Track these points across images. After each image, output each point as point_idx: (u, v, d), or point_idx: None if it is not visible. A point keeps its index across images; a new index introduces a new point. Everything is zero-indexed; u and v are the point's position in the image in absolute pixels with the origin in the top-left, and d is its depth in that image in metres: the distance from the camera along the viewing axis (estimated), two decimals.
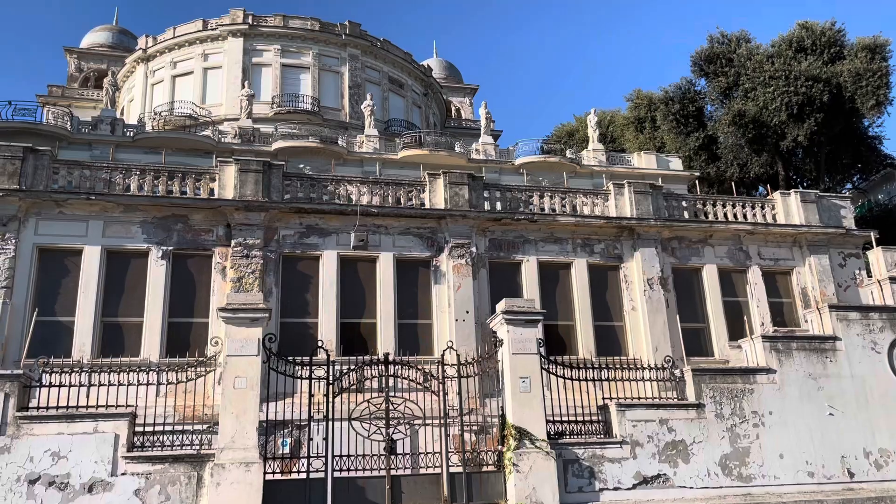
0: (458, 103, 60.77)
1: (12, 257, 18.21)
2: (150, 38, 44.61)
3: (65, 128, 33.57)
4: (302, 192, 20.97)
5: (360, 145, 37.36)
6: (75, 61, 53.64)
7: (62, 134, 33.08)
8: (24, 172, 18.95)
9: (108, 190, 19.56)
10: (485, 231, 21.59)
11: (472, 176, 22.29)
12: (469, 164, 36.67)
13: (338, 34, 44.18)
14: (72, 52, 54.04)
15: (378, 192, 21.40)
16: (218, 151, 32.14)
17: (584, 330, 21.27)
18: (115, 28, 57.53)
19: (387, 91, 45.71)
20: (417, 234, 21.12)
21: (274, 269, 19.78)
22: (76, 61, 53.65)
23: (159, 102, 42.29)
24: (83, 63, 53.73)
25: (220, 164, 20.76)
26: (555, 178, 35.69)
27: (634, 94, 50.61)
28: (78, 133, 34.08)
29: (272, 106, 41.20)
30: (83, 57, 54.00)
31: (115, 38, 56.01)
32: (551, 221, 21.90)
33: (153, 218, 19.54)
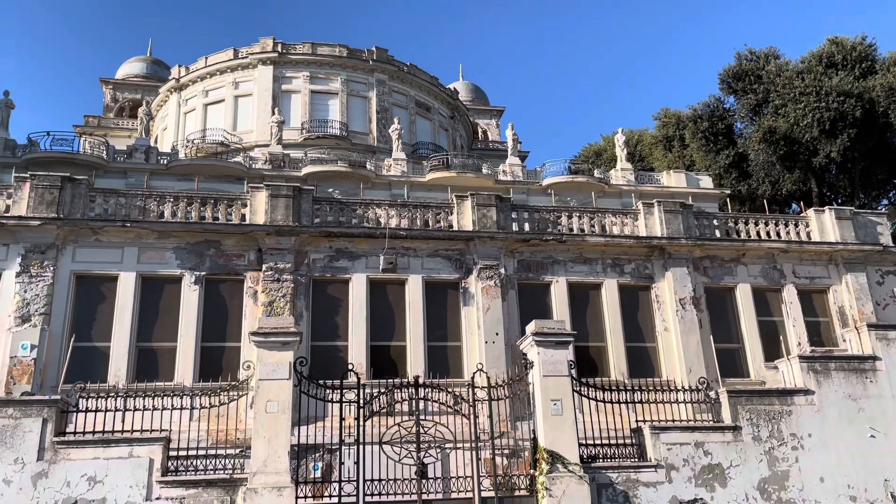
0: (484, 125, 61.04)
1: (50, 284, 18.62)
2: (183, 68, 45.68)
3: (101, 157, 34.41)
4: (331, 216, 21.16)
5: (387, 169, 37.67)
6: (111, 92, 55.06)
7: (98, 163, 33.90)
8: (62, 201, 19.44)
9: (143, 217, 19.95)
10: (513, 252, 21.54)
11: (499, 197, 22.29)
12: (496, 185, 36.74)
13: (365, 60, 44.80)
14: (107, 83, 55.50)
15: (406, 214, 21.51)
16: (249, 177, 32.67)
17: (616, 351, 21.03)
18: (149, 59, 59.00)
19: (414, 115, 46.12)
20: (446, 256, 21.14)
21: (304, 292, 19.93)
22: (112, 92, 55.07)
23: (192, 130, 43.17)
24: (118, 93, 55.13)
25: (252, 189, 21.07)
26: (583, 198, 35.56)
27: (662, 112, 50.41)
28: (114, 162, 34.90)
29: (301, 131, 41.81)
30: (118, 87, 55.42)
31: (149, 69, 57.43)
32: (580, 242, 21.78)
33: (186, 244, 19.85)
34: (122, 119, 53.12)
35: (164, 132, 46.46)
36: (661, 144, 50.03)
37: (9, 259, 18.84)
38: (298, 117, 42.47)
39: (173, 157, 36.44)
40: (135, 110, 51.16)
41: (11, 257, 18.83)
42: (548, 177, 38.91)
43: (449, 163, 39.08)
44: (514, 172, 39.22)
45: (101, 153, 34.79)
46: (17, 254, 18.80)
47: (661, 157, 49.91)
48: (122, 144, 40.47)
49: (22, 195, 19.40)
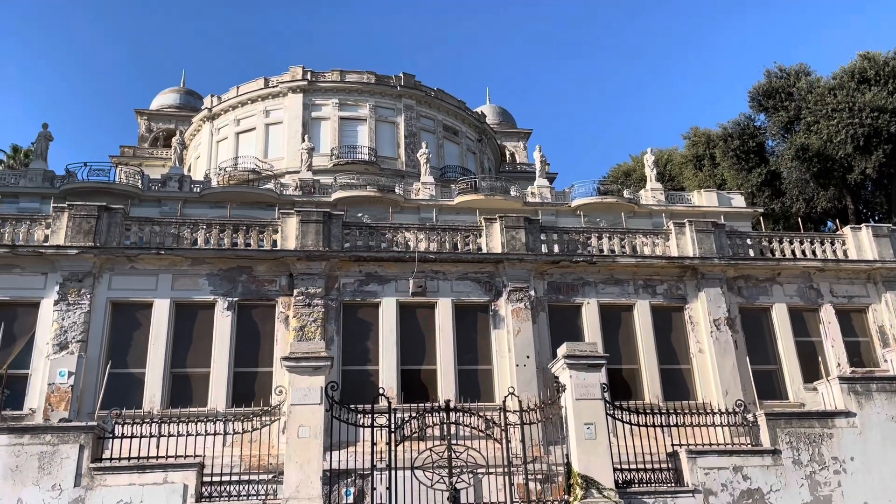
0: (512, 148, 61.20)
1: (87, 311, 18.98)
2: (215, 98, 46.67)
3: (136, 186, 35.19)
4: (361, 240, 21.30)
5: (416, 193, 37.90)
6: (145, 122, 56.43)
7: (134, 192, 34.67)
8: (99, 230, 19.88)
9: (177, 244, 20.28)
10: (543, 274, 21.43)
11: (528, 219, 22.25)
12: (525, 207, 36.71)
13: (393, 86, 45.33)
14: (142, 113, 56.92)
15: (435, 238, 21.57)
16: (280, 204, 33.10)
17: (650, 374, 20.73)
18: (183, 90, 60.43)
19: (441, 139, 46.44)
20: (475, 278, 21.12)
21: (335, 317, 20.02)
22: (146, 122, 56.44)
23: (224, 158, 43.97)
24: (153, 124, 56.47)
25: (282, 215, 21.32)
26: (612, 218, 35.35)
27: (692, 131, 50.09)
28: (148, 190, 35.65)
29: (331, 157, 42.33)
30: (153, 118, 56.78)
31: (182, 99, 58.80)
32: (611, 263, 21.61)
33: (219, 270, 20.11)
34: (156, 149, 54.34)
35: (197, 161, 47.38)
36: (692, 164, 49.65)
37: (47, 288, 19.27)
38: (328, 143, 43.02)
39: (206, 185, 37.10)
40: (169, 140, 52.30)
41: (50, 286, 19.26)
42: (576, 198, 38.78)
43: (477, 186, 39.19)
44: (543, 194, 39.17)
45: (137, 182, 35.57)
46: (56, 282, 19.22)
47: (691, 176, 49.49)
48: (156, 173, 41.37)
49: (60, 225, 19.89)
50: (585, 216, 35.92)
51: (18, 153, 50.26)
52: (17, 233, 19.98)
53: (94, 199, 28.39)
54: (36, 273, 19.38)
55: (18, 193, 33.91)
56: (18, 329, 18.96)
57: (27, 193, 33.94)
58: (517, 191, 39.35)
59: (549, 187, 39.94)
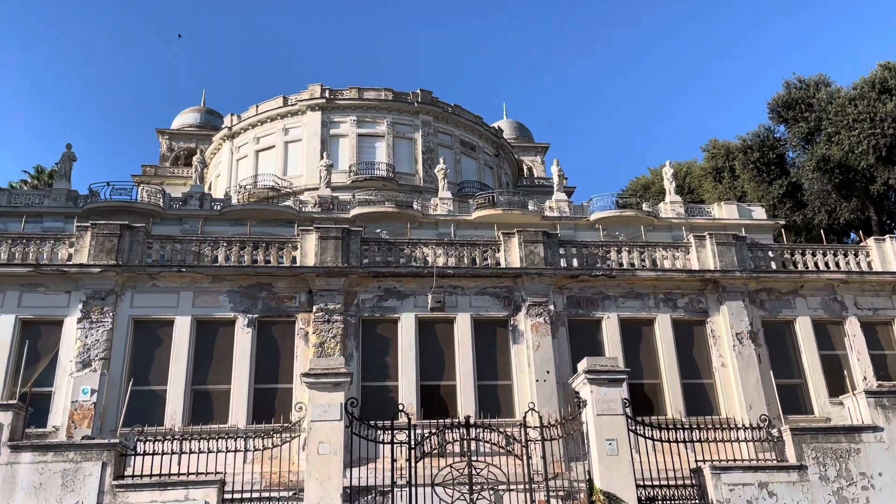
0: (529, 162, 61.21)
1: (110, 329, 19.19)
2: (235, 117, 47.26)
3: (157, 204, 35.64)
4: (379, 256, 21.38)
5: (434, 208, 38.00)
6: (167, 142, 57.18)
7: (155, 210, 35.11)
8: (121, 248, 20.14)
9: (198, 261, 20.48)
10: (562, 288, 21.34)
11: (546, 233, 22.22)
12: (543, 221, 36.66)
13: (410, 102, 45.63)
14: (163, 133, 57.71)
15: (453, 253, 21.59)
16: (299, 220, 33.33)
17: (672, 388, 20.51)
18: (203, 109, 61.23)
19: (459, 154, 46.60)
20: (494, 293, 21.07)
21: (354, 333, 20.06)
22: (167, 141, 57.19)
23: (244, 176, 44.42)
24: (174, 143, 57.21)
25: (302, 232, 21.47)
26: (632, 232, 35.18)
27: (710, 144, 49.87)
28: (169, 209, 36.09)
29: (349, 174, 42.61)
30: (174, 137, 57.54)
31: (202, 119, 59.56)
32: (631, 276, 21.47)
33: (239, 287, 20.26)
34: (177, 167, 55.03)
35: (217, 179, 47.90)
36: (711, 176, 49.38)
37: (71, 306, 19.52)
38: (346, 160, 43.34)
39: (226, 203, 37.49)
40: (190, 159, 52.92)
41: (73, 304, 19.51)
42: (595, 212, 38.67)
43: (494, 200, 39.23)
44: (561, 208, 39.10)
45: (158, 201, 36.03)
46: (79, 300, 19.47)
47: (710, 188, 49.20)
48: (177, 192, 41.85)
49: (83, 244, 20.18)
50: (604, 230, 35.77)
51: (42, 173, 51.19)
52: (42, 252, 20.31)
53: (116, 217, 28.80)
54: (60, 291, 19.66)
55: (43, 213, 34.48)
56: (42, 347, 19.22)
57: (51, 213, 34.50)
58: (535, 205, 39.32)
59: (567, 201, 39.87)
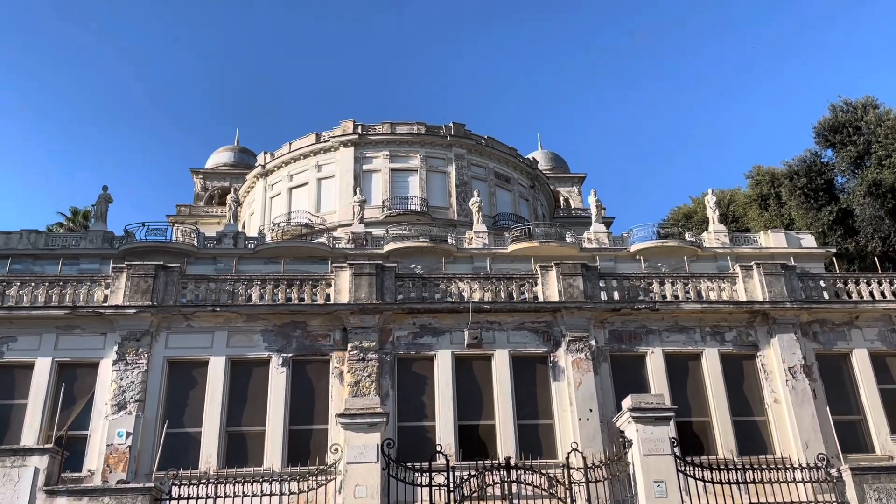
0: (566, 193, 61.17)
1: (145, 371, 19.47)
2: (268, 155, 48.23)
3: (192, 244, 36.35)
4: (414, 291, 21.42)
5: (469, 242, 38.06)
6: (201, 181, 58.59)
7: (190, 250, 35.80)
8: (156, 289, 20.52)
9: (232, 301, 20.73)
10: (603, 323, 21.11)
11: (585, 266, 22.11)
12: (581, 253, 36.41)
13: (443, 136, 46.08)
14: (197, 172, 59.17)
15: (489, 287, 21.54)
16: (333, 257, 33.64)
17: (722, 426, 19.98)
18: (236, 148, 62.71)
19: (493, 186, 46.76)
20: (532, 328, 20.92)
21: (389, 371, 20.02)
22: (201, 181, 58.59)
23: (277, 214, 45.15)
24: (208, 182, 58.59)
25: (335, 269, 21.65)
26: (674, 263, 34.72)
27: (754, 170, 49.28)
28: (204, 248, 36.77)
29: (382, 209, 43.01)
30: (208, 177, 58.94)
31: (236, 157, 60.97)
32: (675, 309, 21.18)
33: (273, 326, 20.43)
34: (211, 206, 56.25)
35: (251, 217, 48.75)
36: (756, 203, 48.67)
37: (106, 348, 19.87)
38: (379, 195, 43.79)
39: (260, 241, 38.07)
40: (224, 197, 54.08)
41: (109, 346, 19.86)
42: (635, 242, 38.31)
43: (531, 233, 39.16)
44: (600, 239, 38.84)
45: (192, 240, 36.76)
46: (114, 342, 19.82)
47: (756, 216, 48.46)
48: (211, 231, 42.70)
49: (119, 285, 20.61)
50: (646, 261, 35.37)
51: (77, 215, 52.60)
52: (78, 294, 20.78)
53: (151, 258, 29.41)
54: (95, 333, 20.04)
55: (79, 255, 35.38)
56: (78, 390, 19.56)
57: (87, 255, 35.39)
58: (573, 237, 39.12)
59: (606, 232, 39.60)
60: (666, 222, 50.23)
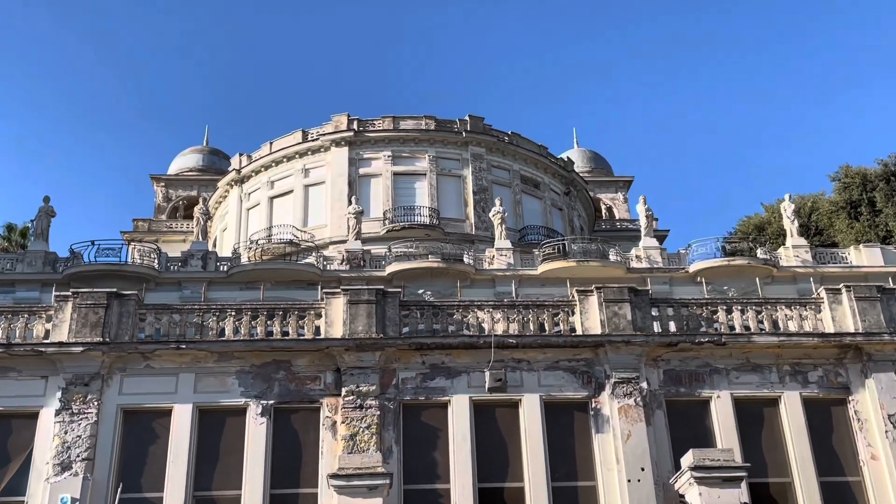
0: (608, 200, 61.25)
1: (94, 423, 19.52)
2: (244, 157, 48.62)
3: (152, 266, 36.60)
4: (423, 323, 21.45)
5: (489, 261, 38.09)
6: (162, 190, 59.19)
7: (149, 274, 36.03)
8: (108, 322, 20.63)
9: (200, 336, 20.81)
10: (657, 360, 21.10)
11: (633, 290, 22.16)
12: (628, 275, 36.36)
13: (457, 132, 46.29)
14: (158, 179, 59.78)
15: (516, 317, 21.55)
16: (323, 281, 33.73)
17: (806, 489, 19.81)
18: (206, 149, 63.36)
19: (519, 193, 46.87)
20: (569, 368, 20.91)
21: (393, 421, 20.03)
22: (163, 190, 59.20)
23: (256, 229, 45.44)
24: (171, 191, 59.21)
25: (327, 296, 21.73)
26: (744, 285, 34.59)
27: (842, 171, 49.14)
28: (166, 271, 36.99)
29: (384, 222, 43.18)
30: (171, 184, 59.54)
31: (205, 161, 61.60)
32: (745, 343, 21.15)
33: (251, 366, 20.49)
34: (175, 220, 56.80)
35: (223, 233, 49.09)
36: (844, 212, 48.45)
37: (48, 394, 19.95)
38: (379, 205, 43.99)
39: (235, 263, 38.28)
40: (190, 209, 54.49)
41: (51, 392, 19.94)
42: (696, 261, 38.19)
43: (566, 249, 39.15)
44: (651, 257, 38.75)
45: (153, 262, 37.00)
46: (58, 387, 19.90)
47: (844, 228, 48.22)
48: (175, 250, 42.93)
49: (63, 317, 20.74)
50: (708, 283, 35.22)
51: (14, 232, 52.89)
52: (13, 329, 20.92)
53: (102, 284, 29.63)
54: (34, 377, 20.14)
55: (15, 281, 35.64)
56: (13, 446, 19.65)
57: (25, 280, 35.64)
58: (618, 254, 39.08)
59: (658, 248, 39.52)
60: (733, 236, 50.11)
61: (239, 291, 34.78)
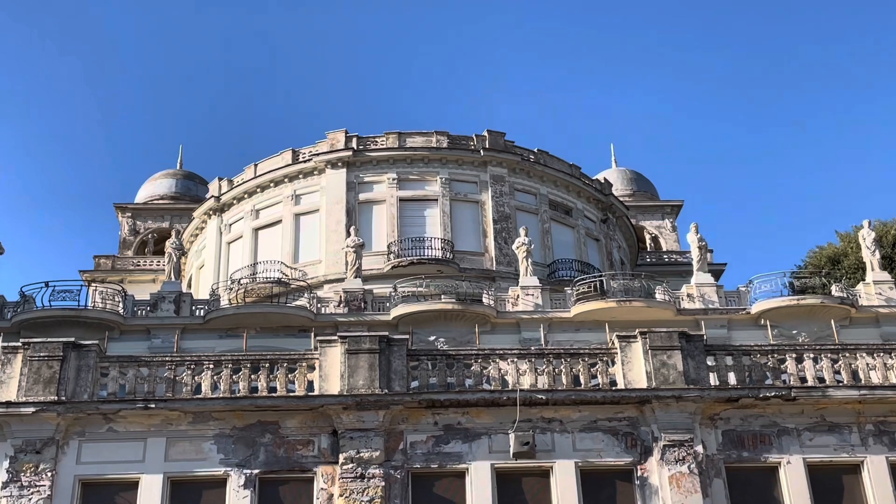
0: (653, 228, 61.14)
1: (48, 497, 19.52)
2: (225, 182, 48.83)
3: (116, 311, 36.69)
4: (435, 376, 21.46)
5: (513, 302, 38.02)
6: (129, 221, 59.41)
7: (113, 320, 36.10)
8: (64, 378, 20.68)
9: (173, 393, 20.84)
10: (714, 419, 21.14)
11: (685, 335, 22.23)
12: (679, 317, 36.23)
13: (474, 150, 46.36)
14: (124, 209, 59.98)
15: (545, 368, 21.58)
16: (317, 327, 33.71)
17: None
18: (180, 173, 63.63)
19: (548, 221, 46.83)
20: (609, 428, 20.94)
21: (401, 493, 20.00)
22: (130, 221, 59.42)
23: (238, 266, 45.48)
24: (139, 222, 59.42)
25: (321, 344, 21.80)
26: (817, 329, 34.40)
27: None
28: (133, 317, 37.07)
29: (388, 257, 43.17)
30: (138, 214, 59.75)
31: (179, 187, 61.86)
32: (820, 398, 21.15)
33: (232, 429, 20.50)
34: (144, 257, 56.96)
35: (200, 271, 49.20)
36: None
37: None
38: (383, 237, 44.01)
39: (213, 306, 38.33)
40: (161, 244, 54.70)
41: None
42: (759, 300, 38.02)
43: (604, 287, 39.03)
44: (706, 296, 38.59)
45: (117, 306, 37.09)
46: (5, 455, 19.93)
47: None
48: (144, 292, 43.03)
49: (11, 372, 20.82)
50: (774, 327, 34.99)
51: None
52: None
53: (58, 333, 29.63)
54: None
55: None
56: None
57: None
58: (665, 292, 38.93)
59: (714, 285, 39.37)
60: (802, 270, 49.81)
61: (218, 340, 34.81)
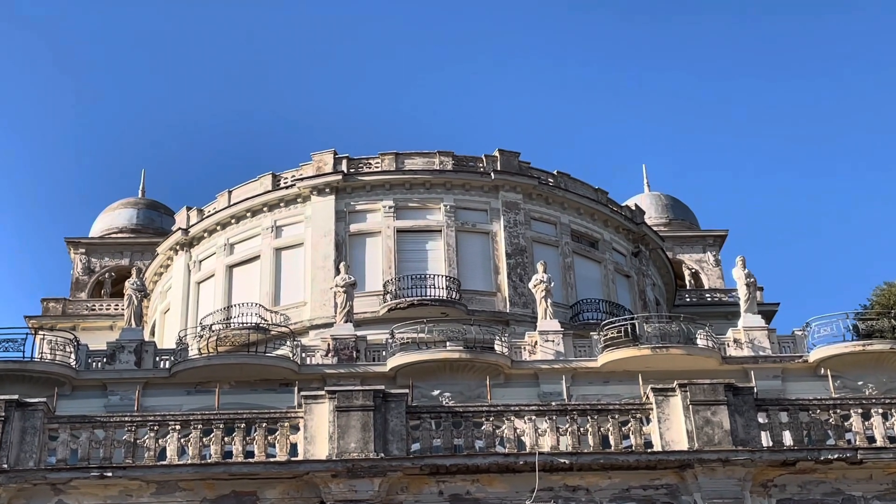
0: (693, 263, 61.10)
1: None
2: (194, 212, 48.94)
3: (67, 363, 36.65)
4: (439, 437, 21.45)
5: (531, 349, 37.97)
6: (82, 258, 59.45)
7: (64, 374, 36.05)
8: (6, 442, 20.69)
9: (133, 459, 20.84)
10: (767, 486, 21.21)
11: (732, 387, 22.33)
12: (725, 366, 36.17)
13: (483, 172, 46.43)
14: (77, 244, 59.98)
15: (569, 427, 21.61)
16: (301, 381, 33.67)
17: None
18: (142, 202, 63.79)
19: (570, 255, 46.81)
20: (644, 498, 21.01)
21: None
22: (84, 258, 59.45)
23: (209, 310, 45.43)
24: (94, 259, 59.46)
25: (306, 401, 21.84)
26: (886, 380, 34.34)
27: None
28: (87, 370, 37.02)
29: (384, 297, 43.14)
30: (94, 250, 59.78)
31: (140, 218, 61.98)
32: (891, 461, 21.21)
33: (202, 501, 20.48)
34: (100, 300, 56.97)
35: (164, 316, 49.19)
36: None
37: None
38: (378, 274, 43.99)
39: (180, 356, 38.26)
40: (120, 284, 54.71)
41: None
42: (818, 345, 37.96)
43: (636, 332, 38.94)
44: (756, 341, 38.53)
45: (68, 358, 37.03)
46: None
47: None
48: (100, 340, 42.99)
49: None
50: (836, 377, 34.86)
51: None
52: None
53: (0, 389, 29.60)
54: None
55: None
56: None
57: None
58: (708, 338, 38.85)
59: (765, 329, 39.31)
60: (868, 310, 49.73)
61: (186, 396, 34.76)
